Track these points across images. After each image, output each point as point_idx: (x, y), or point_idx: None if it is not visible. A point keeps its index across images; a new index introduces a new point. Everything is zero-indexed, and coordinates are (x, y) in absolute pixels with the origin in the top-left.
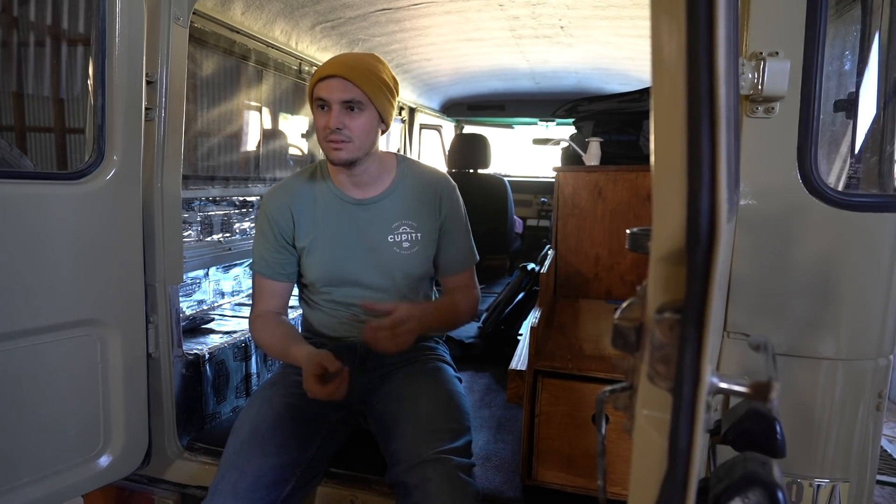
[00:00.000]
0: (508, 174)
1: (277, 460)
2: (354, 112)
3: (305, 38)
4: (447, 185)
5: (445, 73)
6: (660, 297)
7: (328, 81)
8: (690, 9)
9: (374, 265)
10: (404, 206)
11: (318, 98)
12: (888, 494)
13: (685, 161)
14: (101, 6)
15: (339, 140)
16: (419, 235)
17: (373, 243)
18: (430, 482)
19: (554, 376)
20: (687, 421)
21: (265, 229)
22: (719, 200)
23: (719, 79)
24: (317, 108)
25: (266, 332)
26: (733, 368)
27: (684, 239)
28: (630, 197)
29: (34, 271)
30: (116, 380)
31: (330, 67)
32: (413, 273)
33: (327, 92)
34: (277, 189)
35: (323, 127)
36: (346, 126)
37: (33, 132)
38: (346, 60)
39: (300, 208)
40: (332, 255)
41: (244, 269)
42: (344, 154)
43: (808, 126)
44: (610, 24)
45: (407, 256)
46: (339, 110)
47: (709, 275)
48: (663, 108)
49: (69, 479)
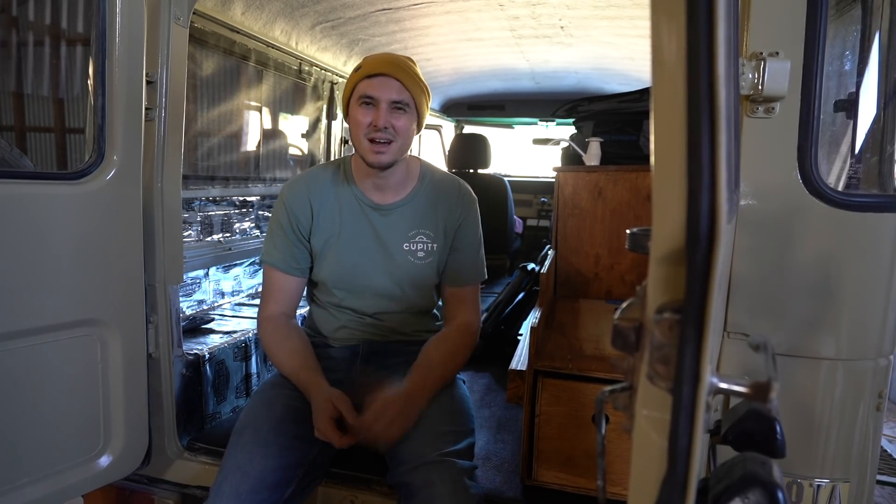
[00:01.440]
0: (508, 174)
1: (279, 462)
2: (400, 112)
3: (305, 38)
4: (468, 197)
5: (445, 73)
6: (659, 298)
7: (378, 79)
8: (690, 10)
9: (387, 272)
10: (422, 215)
11: (366, 95)
12: (888, 494)
13: (685, 162)
14: (101, 6)
15: (384, 140)
16: (434, 246)
17: (388, 249)
18: (434, 485)
19: (554, 376)
20: (687, 421)
21: (283, 221)
22: (719, 201)
23: (719, 79)
24: (360, 104)
25: (279, 346)
26: (733, 368)
27: (684, 239)
28: (630, 197)
29: (34, 271)
30: (116, 380)
31: (379, 65)
32: (423, 284)
33: (377, 90)
34: (298, 182)
35: (368, 124)
36: (392, 125)
37: (33, 132)
38: (393, 60)
39: (320, 205)
40: (347, 258)
41: (244, 268)
42: (385, 157)
43: (808, 126)
44: (610, 24)
45: (421, 266)
46: (386, 109)
47: (709, 275)
48: (663, 108)
49: (69, 479)
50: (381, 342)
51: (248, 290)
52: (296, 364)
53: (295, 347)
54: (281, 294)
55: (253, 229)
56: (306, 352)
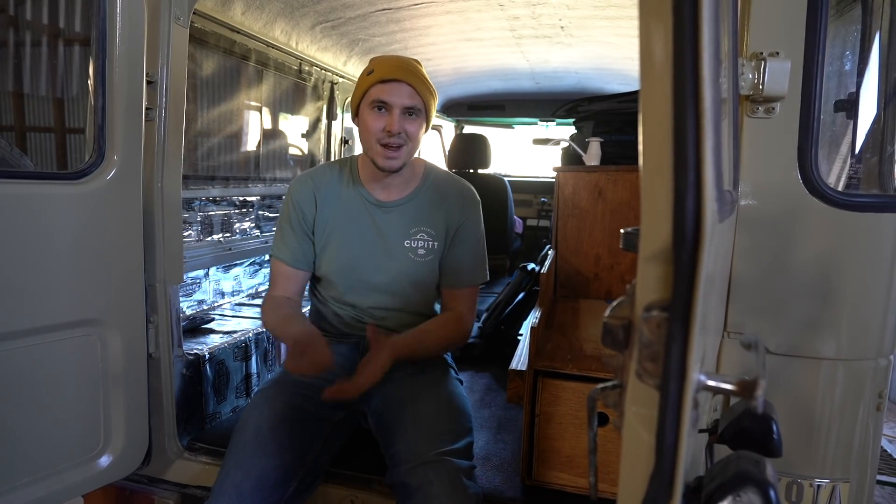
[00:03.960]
0: (508, 174)
1: (280, 461)
2: (412, 118)
3: (305, 38)
4: (471, 199)
5: (445, 73)
6: (648, 296)
7: (392, 85)
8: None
9: (387, 268)
10: (424, 213)
11: (379, 100)
12: (888, 494)
13: (671, 162)
14: (101, 6)
15: (396, 145)
16: (435, 244)
17: (389, 246)
18: (432, 484)
19: (554, 376)
20: (673, 417)
21: (290, 216)
22: (705, 201)
23: (704, 81)
24: (372, 108)
25: (272, 312)
26: (733, 368)
27: (671, 238)
28: (630, 197)
29: (34, 271)
30: (116, 380)
31: (392, 70)
32: (423, 282)
33: (391, 96)
34: (305, 177)
35: (381, 129)
36: (405, 131)
37: (33, 132)
38: (405, 66)
39: (324, 200)
40: (348, 253)
41: (244, 268)
42: (397, 163)
43: (808, 126)
44: (610, 24)
45: (421, 264)
46: (399, 115)
47: (695, 273)
48: (651, 109)
49: (69, 479)
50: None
51: (248, 290)
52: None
53: (287, 312)
54: (286, 282)
55: (253, 229)
56: (297, 313)
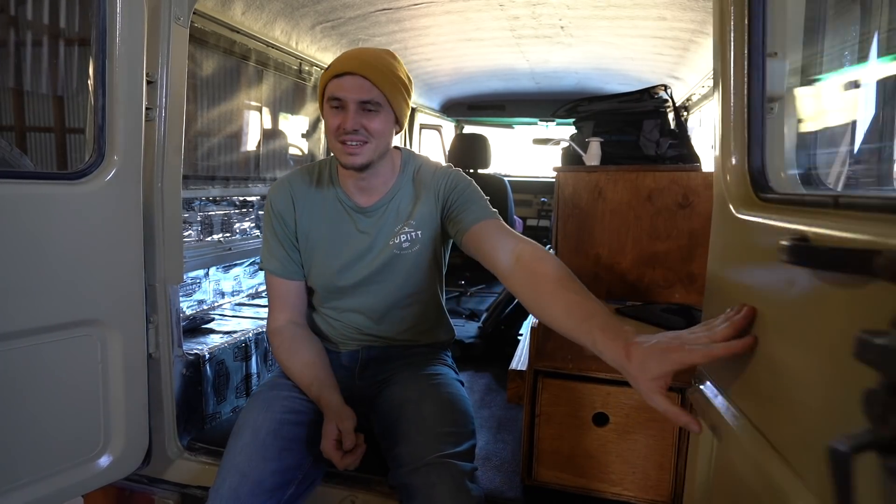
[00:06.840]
0: (508, 174)
1: (278, 464)
2: (371, 113)
3: (305, 38)
4: (454, 176)
5: (445, 73)
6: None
7: (344, 79)
8: None
9: (375, 270)
10: (406, 209)
11: (333, 97)
12: None
13: None
14: (101, 6)
15: (356, 142)
16: (419, 233)
17: (374, 249)
18: (435, 487)
19: (554, 376)
20: None
21: (274, 225)
22: None
23: None
24: (329, 107)
25: (290, 361)
26: None
27: None
28: (630, 197)
29: (34, 271)
30: (116, 380)
31: (346, 64)
32: (414, 272)
33: (344, 91)
34: (282, 183)
35: (336, 128)
36: (363, 127)
37: (33, 132)
38: (362, 57)
39: (303, 206)
40: (334, 261)
41: (244, 268)
42: (359, 159)
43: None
44: (610, 24)
45: (407, 255)
46: (355, 111)
47: None
48: None
49: (69, 479)
50: (380, 347)
51: (248, 290)
52: (307, 379)
53: (305, 361)
54: (284, 301)
55: (253, 229)
56: (317, 363)
